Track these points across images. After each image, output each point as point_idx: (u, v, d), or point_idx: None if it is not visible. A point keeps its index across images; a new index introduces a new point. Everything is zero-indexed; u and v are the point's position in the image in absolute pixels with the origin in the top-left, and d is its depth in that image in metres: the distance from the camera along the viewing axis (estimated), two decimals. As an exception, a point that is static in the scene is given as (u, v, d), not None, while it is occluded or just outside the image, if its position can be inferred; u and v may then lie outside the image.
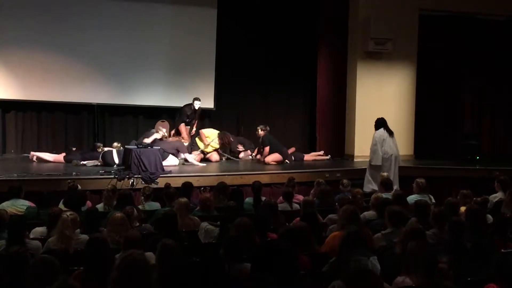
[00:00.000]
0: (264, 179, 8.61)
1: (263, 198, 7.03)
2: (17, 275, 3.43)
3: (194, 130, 11.17)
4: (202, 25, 11.68)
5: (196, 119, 11.24)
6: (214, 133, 10.85)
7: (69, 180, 7.51)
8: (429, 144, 12.07)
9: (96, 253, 3.79)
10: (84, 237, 4.63)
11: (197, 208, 6.30)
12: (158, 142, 9.95)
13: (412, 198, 6.78)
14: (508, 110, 12.81)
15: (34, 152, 10.21)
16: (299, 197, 7.20)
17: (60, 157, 10.03)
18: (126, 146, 9.50)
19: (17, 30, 10.63)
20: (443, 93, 12.50)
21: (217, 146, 10.83)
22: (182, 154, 9.95)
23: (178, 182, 7.70)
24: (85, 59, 11.09)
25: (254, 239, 4.51)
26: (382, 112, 9.60)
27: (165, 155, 9.59)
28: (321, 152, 11.72)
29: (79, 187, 7.18)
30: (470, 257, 4.18)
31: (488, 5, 11.90)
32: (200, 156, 10.55)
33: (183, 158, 9.94)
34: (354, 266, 3.57)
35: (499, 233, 4.80)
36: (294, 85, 12.64)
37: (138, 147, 8.94)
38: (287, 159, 10.70)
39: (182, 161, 9.96)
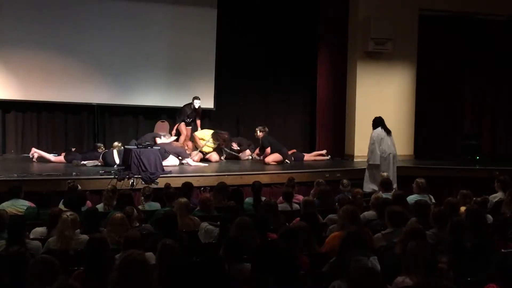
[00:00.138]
0: (264, 179, 8.62)
1: (263, 198, 7.04)
2: (17, 275, 3.43)
3: (199, 130, 11.12)
4: (202, 25, 11.67)
5: (199, 119, 11.20)
6: (208, 134, 10.82)
7: (69, 180, 7.50)
8: (429, 144, 12.07)
9: (96, 253, 3.79)
10: (84, 237, 4.63)
11: (197, 208, 6.30)
12: (161, 144, 9.95)
13: (412, 198, 6.77)
14: (508, 110, 12.82)
15: (36, 149, 10.21)
16: (299, 197, 7.20)
17: (61, 158, 10.03)
18: (126, 146, 9.50)
19: (17, 30, 10.63)
20: (443, 93, 12.50)
21: (214, 146, 10.80)
22: (184, 160, 9.95)
23: (178, 182, 7.71)
24: (85, 59, 11.09)
25: (255, 238, 4.51)
26: (382, 112, 9.60)
27: (166, 155, 9.59)
28: (324, 151, 11.70)
29: (79, 187, 7.18)
30: (470, 257, 4.18)
31: (488, 5, 11.90)
32: (200, 156, 10.54)
33: (186, 163, 9.95)
34: (356, 266, 3.57)
35: (499, 233, 4.80)
36: (294, 85, 12.63)
37: (138, 147, 8.94)
38: (287, 159, 10.70)
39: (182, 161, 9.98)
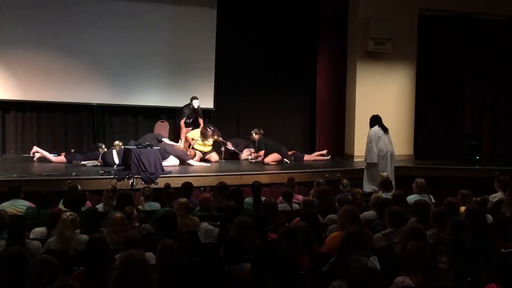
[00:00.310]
0: (264, 179, 8.62)
1: (263, 198, 7.04)
2: (17, 275, 3.43)
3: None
4: (202, 25, 11.66)
5: (201, 118, 11.08)
6: (197, 133, 10.71)
7: (69, 181, 7.50)
8: (429, 144, 12.06)
9: (96, 253, 3.79)
10: (84, 237, 4.63)
11: (197, 208, 6.30)
12: (162, 144, 9.95)
13: (412, 198, 6.77)
14: (508, 110, 12.81)
15: (37, 148, 10.20)
16: (299, 197, 7.20)
17: (62, 158, 10.03)
18: (126, 146, 9.49)
19: (17, 30, 10.62)
20: (443, 93, 12.48)
21: (210, 144, 10.74)
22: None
23: (178, 182, 7.71)
24: (85, 59, 11.07)
25: (254, 238, 4.51)
26: (382, 112, 9.59)
27: (166, 156, 9.59)
28: (324, 152, 11.69)
29: (79, 188, 7.18)
30: (470, 257, 4.18)
31: (488, 5, 11.89)
32: (200, 156, 10.54)
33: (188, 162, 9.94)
34: (356, 266, 3.57)
35: (499, 233, 4.80)
36: (294, 85, 12.61)
37: (138, 147, 8.93)
38: (287, 159, 10.70)
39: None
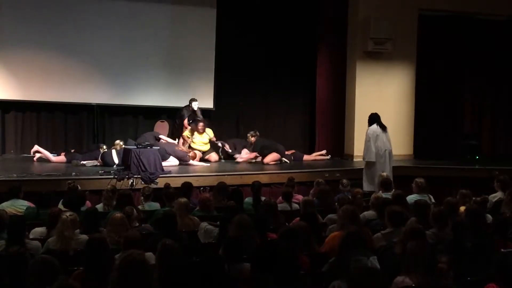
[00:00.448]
0: (264, 179, 8.62)
1: (263, 198, 7.04)
2: (17, 275, 3.43)
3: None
4: (202, 25, 11.66)
5: (203, 124, 10.81)
6: (188, 134, 10.72)
7: (69, 181, 7.49)
8: (429, 144, 12.05)
9: (96, 253, 3.79)
10: (84, 237, 4.62)
11: (197, 208, 6.30)
12: (163, 144, 9.94)
13: (412, 198, 6.77)
14: (508, 110, 12.80)
15: (38, 147, 10.20)
16: (299, 197, 7.20)
17: (62, 158, 10.02)
18: (125, 146, 9.49)
19: (17, 30, 10.62)
20: (443, 93, 12.47)
21: (207, 142, 10.75)
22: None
23: (178, 182, 7.71)
24: (85, 59, 11.07)
25: (254, 237, 4.52)
26: (382, 112, 9.57)
27: (167, 157, 9.59)
28: (323, 152, 11.70)
29: (79, 188, 7.18)
30: (470, 257, 4.18)
31: (488, 5, 11.88)
32: (199, 156, 10.54)
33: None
34: (356, 266, 3.57)
35: (499, 233, 4.80)
36: (294, 85, 12.61)
37: (138, 147, 8.93)
38: (285, 157, 10.70)
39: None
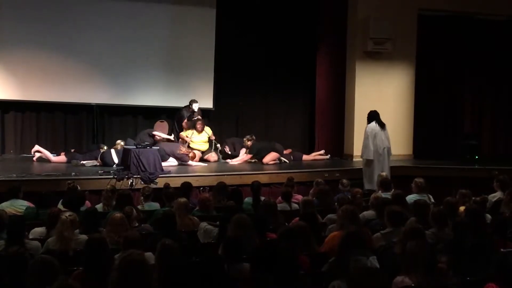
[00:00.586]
0: (263, 179, 8.61)
1: (262, 198, 7.03)
2: (17, 276, 3.43)
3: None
4: (201, 25, 11.66)
5: (201, 122, 10.81)
6: (190, 131, 10.73)
7: (69, 181, 7.49)
8: (429, 144, 12.05)
9: (95, 253, 3.79)
10: (83, 237, 4.62)
11: (196, 208, 6.30)
12: (162, 144, 9.94)
13: (411, 198, 6.77)
14: (508, 110, 12.79)
15: (39, 147, 10.20)
16: (298, 197, 7.20)
17: (62, 158, 10.02)
18: (125, 146, 9.50)
19: (16, 31, 10.62)
20: (443, 93, 12.47)
21: (206, 141, 10.75)
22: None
23: (177, 182, 7.72)
24: (84, 59, 11.06)
25: (253, 236, 4.52)
26: (381, 112, 9.56)
27: (166, 157, 9.58)
28: (322, 151, 11.70)
29: (79, 188, 7.18)
30: (470, 257, 4.18)
31: (488, 5, 11.88)
32: (199, 156, 10.54)
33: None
34: (356, 266, 3.57)
35: (498, 233, 4.80)
36: (294, 85, 12.61)
37: (137, 147, 8.93)
38: (284, 157, 10.70)
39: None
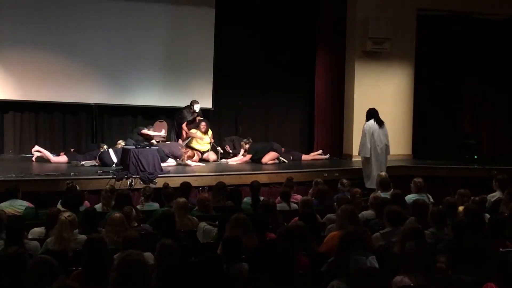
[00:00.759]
0: (263, 179, 8.60)
1: (262, 198, 7.03)
2: (16, 276, 3.43)
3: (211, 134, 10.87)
4: (201, 25, 11.66)
5: (206, 124, 10.77)
6: (195, 131, 10.73)
7: (68, 181, 7.49)
8: (428, 144, 12.05)
9: (94, 253, 3.79)
10: (82, 238, 4.62)
11: (196, 208, 6.29)
12: (161, 145, 9.94)
13: (411, 198, 6.77)
14: (507, 110, 12.79)
15: (39, 147, 10.20)
16: (297, 197, 7.20)
17: (61, 158, 10.01)
18: (124, 146, 9.49)
19: (15, 30, 10.61)
20: (442, 93, 12.45)
21: (208, 142, 10.74)
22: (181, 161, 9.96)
23: (177, 182, 7.72)
24: (83, 59, 11.06)
25: (252, 236, 4.52)
26: (380, 112, 9.57)
27: (165, 158, 9.58)
28: (320, 151, 11.71)
29: (78, 188, 7.18)
30: (469, 257, 4.18)
31: (488, 5, 11.86)
32: (198, 156, 10.54)
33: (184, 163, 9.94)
34: (356, 266, 3.57)
35: (498, 233, 4.80)
36: (293, 85, 12.60)
37: (137, 147, 8.92)
38: (282, 156, 10.70)
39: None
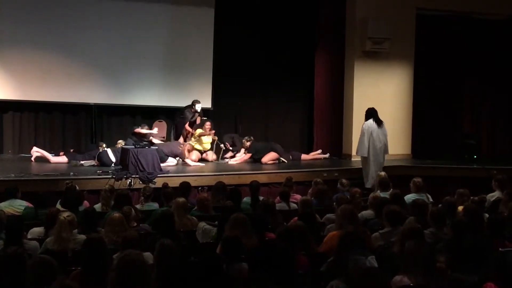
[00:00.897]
0: (262, 179, 8.60)
1: (261, 198, 7.03)
2: (15, 276, 3.43)
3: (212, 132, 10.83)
4: (200, 25, 11.66)
5: (210, 124, 10.81)
6: (199, 130, 10.76)
7: (67, 181, 7.49)
8: (427, 144, 12.05)
9: (94, 253, 3.79)
10: (82, 237, 4.62)
11: (195, 208, 6.29)
12: (161, 145, 9.93)
13: (410, 198, 6.77)
14: (508, 110, 12.79)
15: (37, 149, 10.19)
16: (297, 197, 7.19)
17: (61, 158, 10.01)
18: (124, 146, 9.49)
19: (15, 30, 10.62)
20: (442, 93, 12.45)
21: (209, 142, 10.76)
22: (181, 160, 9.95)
23: (176, 182, 7.71)
24: (83, 59, 11.07)
25: (251, 235, 4.52)
26: (380, 112, 9.57)
27: (165, 158, 9.57)
28: (319, 151, 11.71)
29: (77, 188, 7.17)
30: (468, 256, 4.18)
31: (488, 5, 11.86)
32: (198, 156, 10.54)
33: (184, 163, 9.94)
34: (355, 266, 3.57)
35: (497, 232, 4.80)
36: (293, 85, 12.61)
37: (136, 147, 8.92)
38: (282, 157, 10.71)
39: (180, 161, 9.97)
